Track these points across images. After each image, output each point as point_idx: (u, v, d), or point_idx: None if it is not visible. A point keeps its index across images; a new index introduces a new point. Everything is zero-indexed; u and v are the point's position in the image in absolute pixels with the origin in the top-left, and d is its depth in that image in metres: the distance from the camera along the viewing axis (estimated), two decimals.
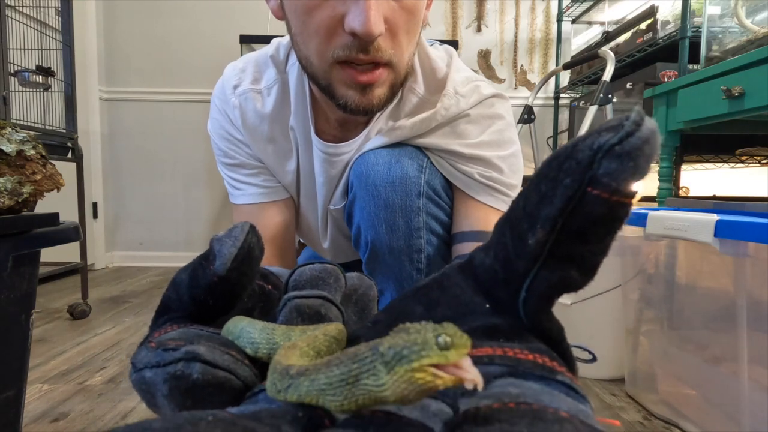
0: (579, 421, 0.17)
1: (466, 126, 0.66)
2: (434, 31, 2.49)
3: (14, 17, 1.51)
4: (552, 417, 0.17)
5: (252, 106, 0.68)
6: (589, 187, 0.20)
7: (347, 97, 0.56)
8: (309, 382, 0.18)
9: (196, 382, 0.22)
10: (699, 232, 0.70)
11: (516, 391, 0.19)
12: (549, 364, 0.21)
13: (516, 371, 0.20)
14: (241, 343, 0.25)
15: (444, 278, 0.27)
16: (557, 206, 0.20)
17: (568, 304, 1.07)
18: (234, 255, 0.27)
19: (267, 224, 0.72)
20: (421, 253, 0.65)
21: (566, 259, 0.21)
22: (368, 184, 0.64)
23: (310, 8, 0.51)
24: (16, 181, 0.53)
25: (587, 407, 0.19)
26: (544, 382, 0.20)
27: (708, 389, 0.83)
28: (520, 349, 0.21)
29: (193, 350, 0.23)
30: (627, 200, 0.20)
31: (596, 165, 0.20)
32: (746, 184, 1.85)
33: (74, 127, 1.57)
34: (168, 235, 2.54)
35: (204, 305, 0.28)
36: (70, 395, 0.97)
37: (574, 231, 0.21)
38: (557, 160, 0.21)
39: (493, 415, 0.17)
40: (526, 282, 0.22)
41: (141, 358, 0.24)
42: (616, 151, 0.19)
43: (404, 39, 0.55)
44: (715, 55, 1.26)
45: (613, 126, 0.20)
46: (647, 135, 0.19)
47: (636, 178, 0.20)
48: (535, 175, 0.22)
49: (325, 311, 0.29)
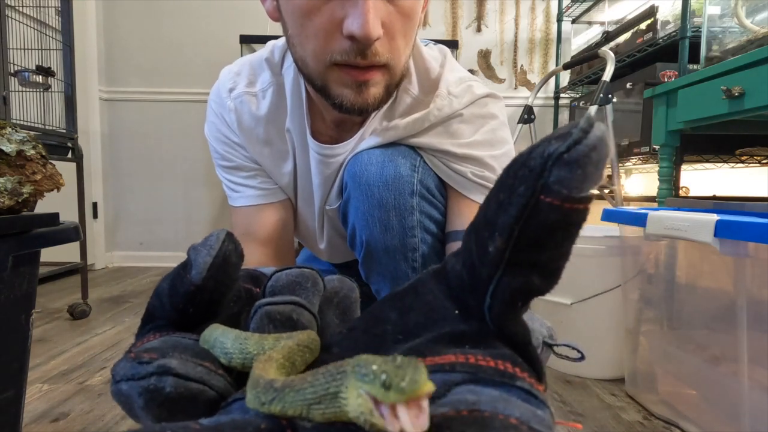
0: (527, 427, 0.17)
1: (459, 126, 0.66)
2: (434, 31, 2.49)
3: (14, 17, 1.51)
4: (500, 424, 0.17)
5: (247, 109, 0.68)
6: (541, 195, 0.20)
7: (343, 96, 0.56)
8: (294, 394, 0.19)
9: (169, 395, 0.23)
10: (699, 232, 0.70)
11: (473, 398, 0.19)
12: (510, 371, 0.21)
13: (476, 378, 0.21)
14: (215, 353, 0.26)
15: (419, 284, 0.28)
16: (512, 214, 0.21)
17: (568, 304, 1.07)
18: (209, 264, 0.28)
19: (265, 226, 0.72)
20: (416, 251, 0.65)
21: (527, 266, 0.22)
22: (362, 184, 0.64)
23: (308, 11, 0.52)
24: (16, 181, 0.53)
25: (545, 413, 0.20)
26: (503, 389, 0.20)
27: (708, 389, 0.83)
28: (482, 355, 0.22)
29: (165, 364, 0.23)
30: (580, 206, 0.20)
31: (547, 173, 0.20)
32: (746, 184, 1.85)
33: (74, 127, 1.56)
34: (168, 235, 2.54)
35: (184, 313, 0.28)
36: (70, 395, 0.97)
37: (532, 238, 0.21)
38: (513, 168, 0.22)
39: (444, 424, 0.18)
40: (490, 288, 0.22)
41: (119, 370, 0.25)
42: (564, 159, 0.20)
43: (401, 42, 0.55)
44: (715, 55, 1.26)
45: (563, 134, 0.20)
46: (594, 142, 0.19)
47: (586, 184, 0.20)
48: (496, 182, 0.23)
49: (297, 317, 0.29)
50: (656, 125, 1.32)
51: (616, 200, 1.70)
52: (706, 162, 1.63)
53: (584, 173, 0.20)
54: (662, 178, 1.34)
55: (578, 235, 0.21)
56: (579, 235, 0.22)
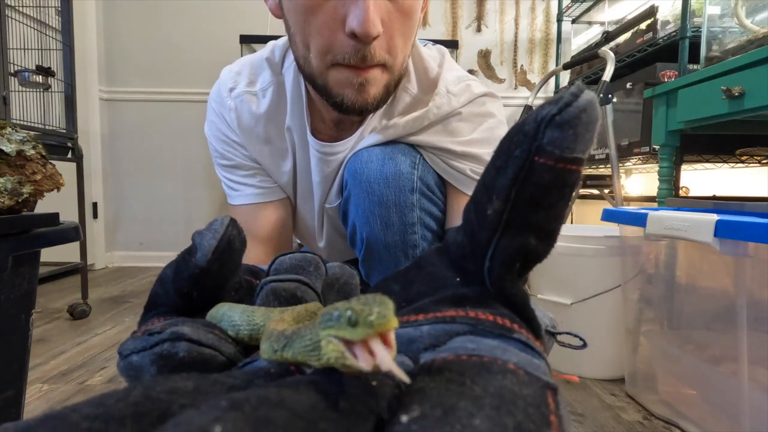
0: (524, 372, 0.18)
1: (458, 124, 0.66)
2: (434, 31, 2.49)
3: (14, 17, 1.51)
4: (498, 368, 0.18)
5: (247, 108, 0.68)
6: (536, 156, 0.21)
7: (343, 96, 0.56)
8: (299, 341, 0.19)
9: (183, 359, 0.23)
10: (699, 232, 0.70)
11: (472, 345, 0.20)
12: (509, 325, 0.22)
13: (475, 330, 0.22)
14: (223, 326, 0.26)
15: (422, 260, 0.29)
16: (509, 176, 0.22)
17: (568, 304, 1.07)
18: (214, 247, 0.28)
19: (264, 224, 0.73)
20: (416, 248, 0.66)
21: (524, 227, 0.23)
22: (362, 182, 0.64)
23: (310, 9, 0.52)
24: (16, 181, 0.53)
25: (541, 362, 0.20)
26: (501, 339, 0.21)
27: (708, 389, 0.83)
28: (482, 311, 0.23)
29: (178, 330, 0.24)
30: (573, 167, 0.21)
31: (540, 135, 0.21)
32: (746, 184, 1.85)
33: (74, 127, 1.56)
34: (168, 235, 2.54)
35: (189, 298, 0.29)
36: (70, 395, 0.97)
37: (527, 199, 0.22)
38: (509, 135, 0.23)
39: (444, 366, 0.18)
40: (489, 251, 0.23)
41: (127, 346, 0.25)
42: (556, 121, 0.21)
43: (400, 41, 0.56)
44: (715, 55, 1.26)
45: (555, 99, 0.21)
46: (584, 104, 0.21)
47: (578, 145, 0.21)
48: (493, 152, 0.24)
49: (301, 294, 0.30)
50: (656, 125, 1.32)
51: (616, 200, 1.70)
52: (706, 162, 1.63)
53: (575, 134, 0.21)
54: (662, 178, 1.34)
55: (572, 198, 0.23)
56: (573, 199, 0.23)
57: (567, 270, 1.07)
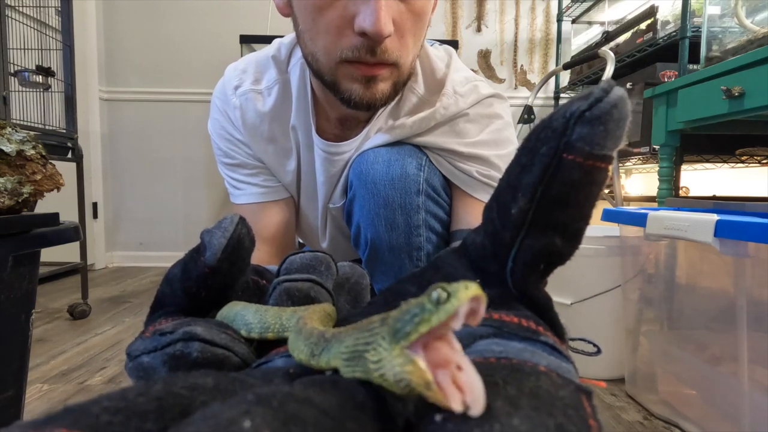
0: (556, 374, 0.17)
1: (465, 125, 0.66)
2: (434, 31, 2.49)
3: (14, 17, 1.51)
4: (530, 370, 0.17)
5: (252, 106, 0.68)
6: (564, 153, 0.21)
7: (351, 91, 0.56)
8: (338, 345, 0.18)
9: (196, 360, 0.22)
10: (699, 232, 0.70)
11: (498, 348, 0.19)
12: (534, 328, 0.21)
13: (501, 332, 0.21)
14: (236, 326, 0.26)
15: (439, 261, 0.28)
16: (536, 174, 0.21)
17: (568, 304, 1.07)
18: (224, 245, 0.27)
19: (267, 223, 0.72)
20: (421, 250, 0.65)
21: (549, 227, 0.22)
22: (368, 182, 0.64)
23: (320, 7, 0.52)
24: (16, 181, 0.53)
25: (570, 366, 0.20)
26: (528, 342, 0.20)
27: (708, 389, 0.83)
28: (506, 313, 0.22)
29: (191, 330, 0.23)
30: (602, 164, 0.21)
31: (569, 131, 0.20)
32: (746, 184, 1.85)
33: (74, 127, 1.56)
34: (168, 235, 2.54)
35: (196, 297, 0.28)
36: (70, 395, 0.97)
37: (554, 197, 0.21)
38: (535, 132, 0.22)
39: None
40: (512, 252, 0.23)
41: (137, 347, 0.24)
42: (586, 117, 0.20)
43: (410, 41, 0.56)
44: (715, 55, 1.26)
45: (584, 95, 0.21)
46: (615, 100, 0.20)
47: (609, 142, 0.20)
48: (517, 150, 0.23)
49: (314, 294, 0.29)
50: (656, 125, 1.32)
51: (616, 200, 1.70)
52: (706, 162, 1.63)
53: (606, 130, 0.20)
54: (662, 178, 1.34)
55: (598, 197, 0.22)
56: (598, 198, 0.22)
57: (567, 270, 1.06)
